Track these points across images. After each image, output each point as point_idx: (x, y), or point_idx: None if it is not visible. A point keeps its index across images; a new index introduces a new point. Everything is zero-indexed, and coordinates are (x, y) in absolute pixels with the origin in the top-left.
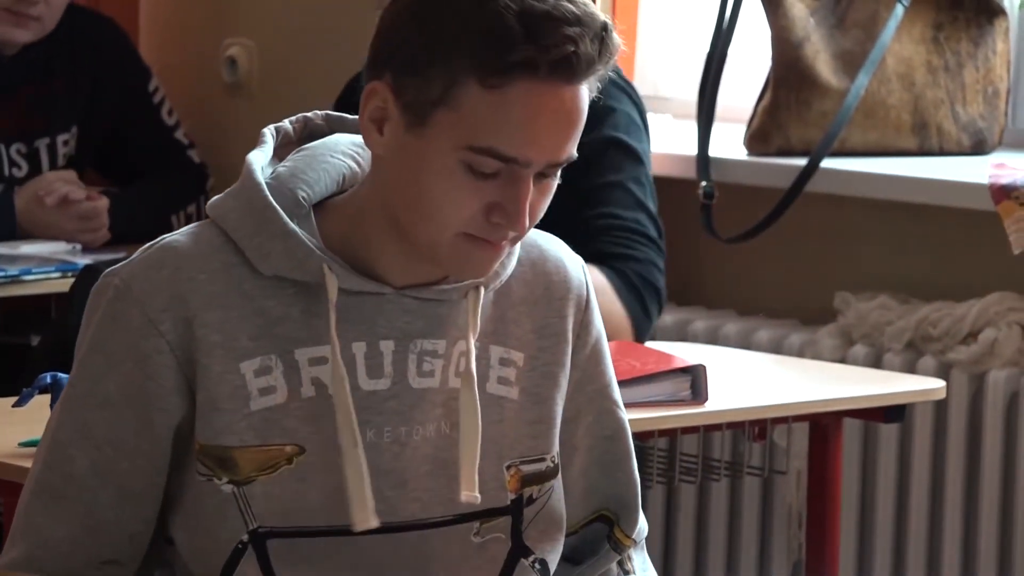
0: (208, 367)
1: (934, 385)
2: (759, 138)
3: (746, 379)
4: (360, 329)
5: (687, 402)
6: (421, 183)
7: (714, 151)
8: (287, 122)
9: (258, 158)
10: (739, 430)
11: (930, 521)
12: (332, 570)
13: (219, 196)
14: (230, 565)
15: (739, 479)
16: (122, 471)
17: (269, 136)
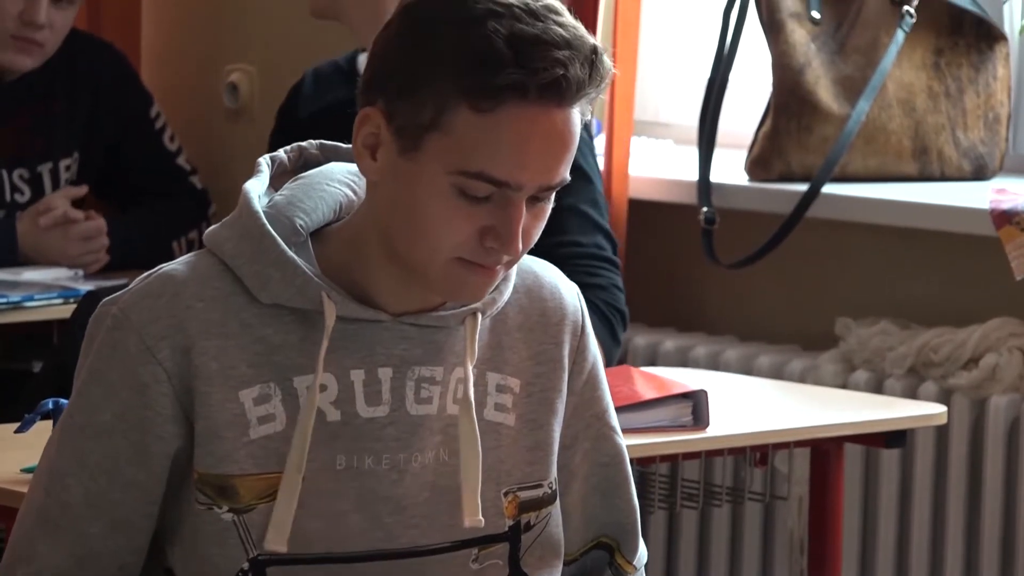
0: (207, 395)
1: (935, 411)
2: (760, 164)
3: (747, 405)
4: (358, 357)
5: (688, 428)
6: (414, 207)
7: (715, 177)
8: (282, 151)
9: (255, 187)
10: (740, 456)
11: (932, 547)
12: None
13: (216, 226)
14: None
15: (740, 505)
16: (114, 502)
17: (265, 165)
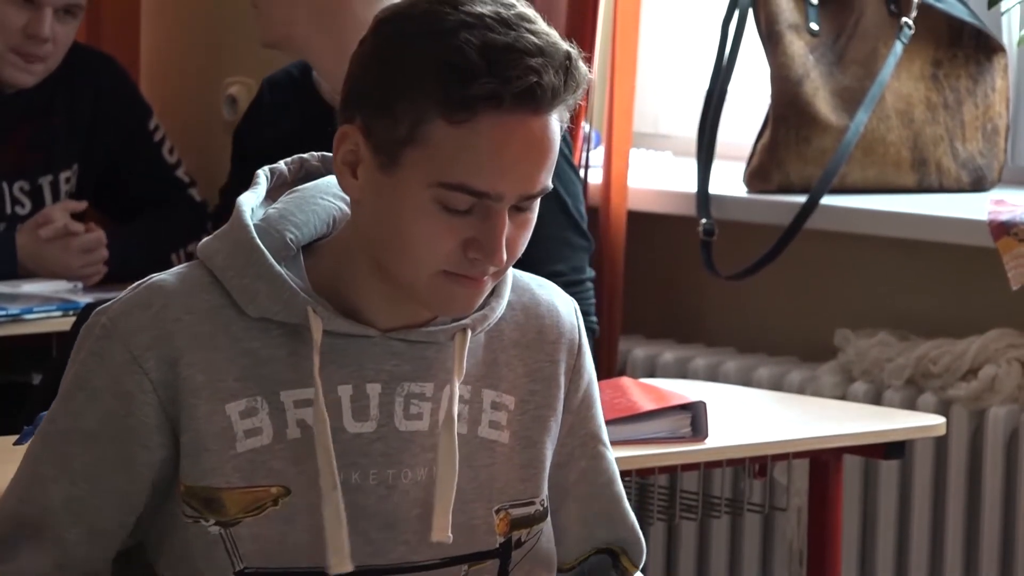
0: (194, 407)
1: (934, 422)
2: (759, 175)
3: (746, 416)
4: (346, 372)
5: (687, 439)
6: (397, 223)
7: (714, 188)
8: (283, 163)
9: (249, 200)
10: (739, 467)
11: (931, 558)
12: None
13: (208, 238)
14: None
15: (740, 516)
16: (95, 507)
17: (263, 178)
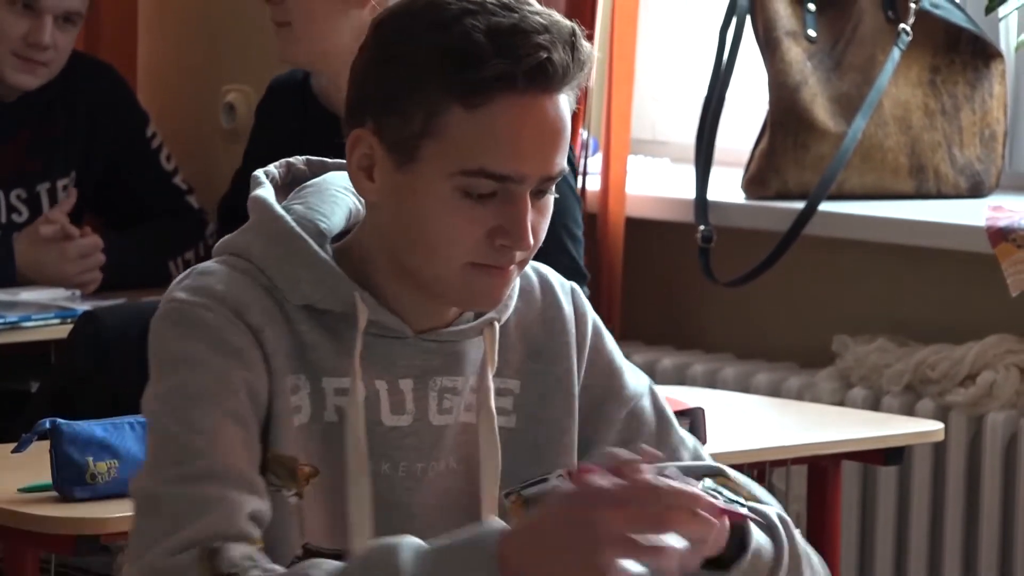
0: (276, 374)
1: (933, 427)
2: (757, 182)
3: (745, 422)
4: (380, 367)
5: None
6: (421, 219)
7: (712, 195)
8: (273, 167)
9: (268, 194)
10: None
11: (929, 564)
12: None
13: (231, 235)
14: None
15: None
16: (236, 461)
17: (264, 178)
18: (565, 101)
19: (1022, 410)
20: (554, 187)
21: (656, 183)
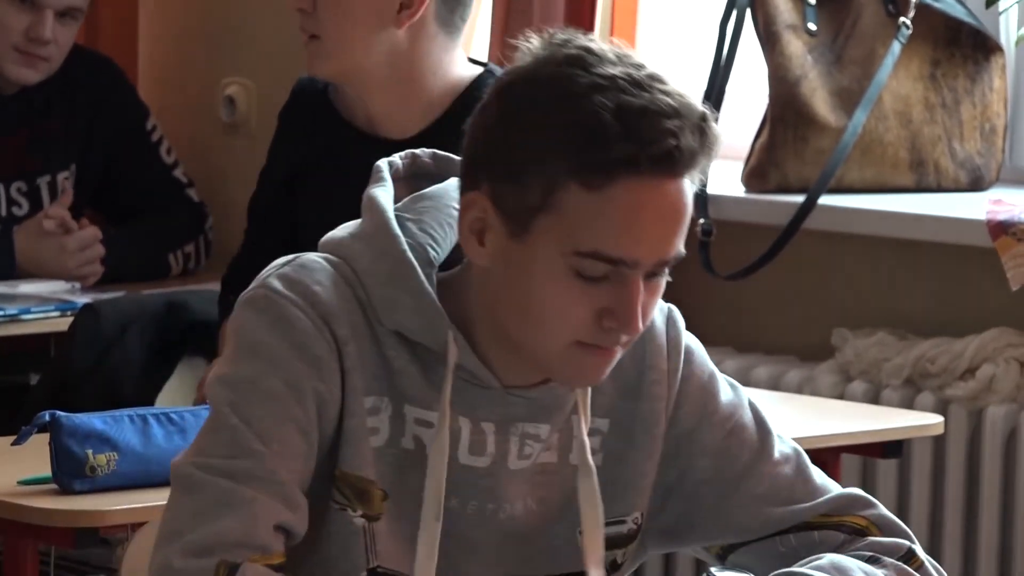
0: (353, 391)
1: (932, 421)
2: (757, 175)
3: None
4: (464, 407)
5: None
6: (529, 292)
7: (712, 188)
8: (397, 157)
9: (385, 199)
10: None
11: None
12: None
13: (347, 235)
14: None
15: None
16: (285, 462)
17: (386, 171)
18: (688, 185)
19: (1022, 404)
20: (667, 270)
21: None
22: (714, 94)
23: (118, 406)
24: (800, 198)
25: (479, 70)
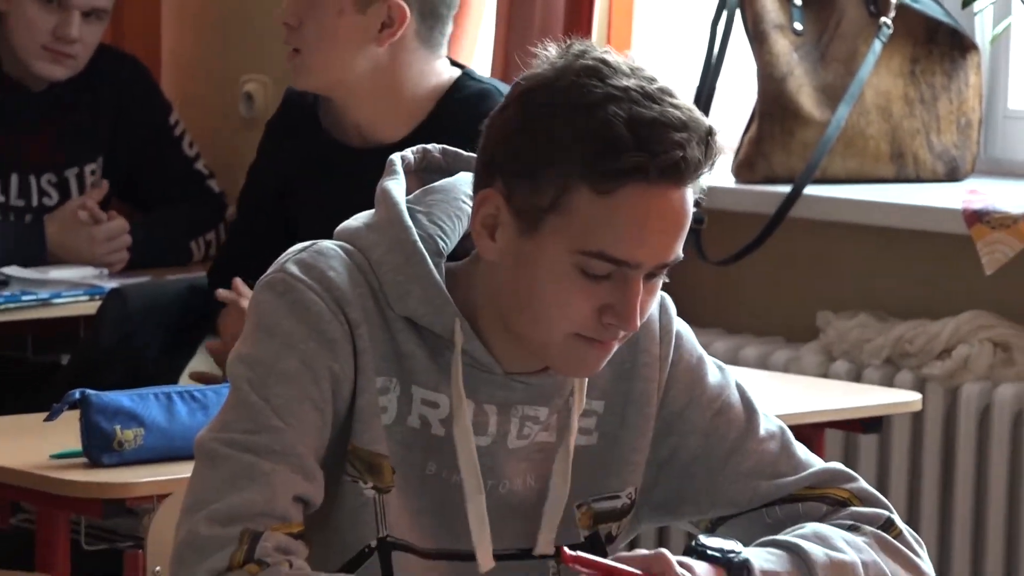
0: (365, 370)
1: (910, 398)
2: (746, 167)
3: None
4: (467, 391)
5: None
6: (535, 286)
7: (703, 179)
8: (409, 152)
9: (398, 191)
10: None
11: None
12: None
13: (360, 225)
14: (352, 565)
15: None
16: (300, 440)
17: (399, 165)
18: (690, 193)
19: (996, 382)
20: (665, 271)
21: None
22: (706, 90)
23: (143, 384)
24: (786, 188)
25: (458, 72)
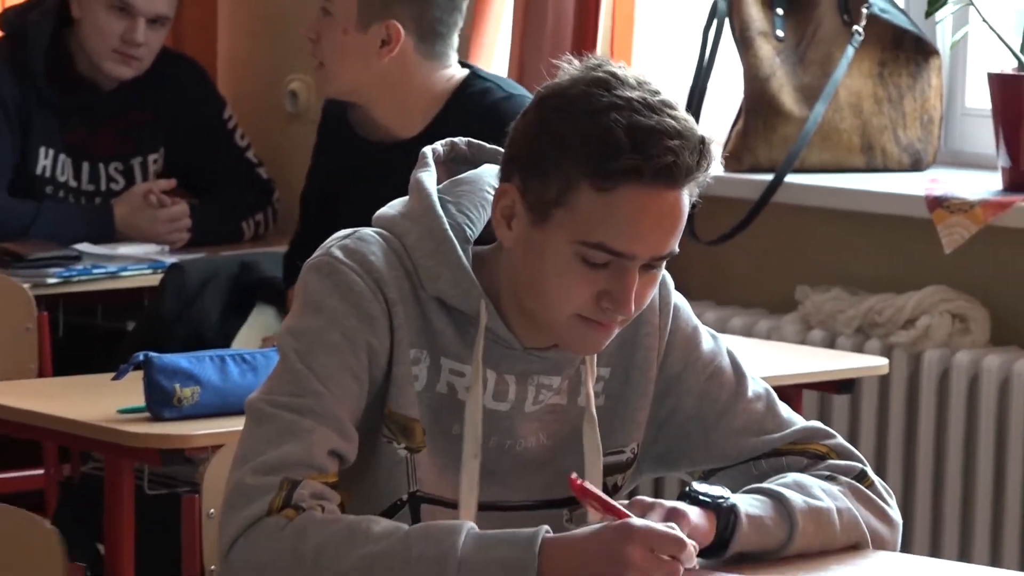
0: (399, 343)
1: (878, 363)
2: (733, 157)
3: None
4: (491, 362)
5: None
6: (543, 273)
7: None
8: (438, 145)
9: (431, 183)
10: None
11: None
12: None
13: (395, 213)
14: (386, 515)
15: None
16: (339, 404)
17: (430, 157)
18: (685, 194)
19: (953, 349)
20: (663, 262)
21: None
22: (698, 89)
23: (200, 348)
24: (769, 177)
25: (466, 72)
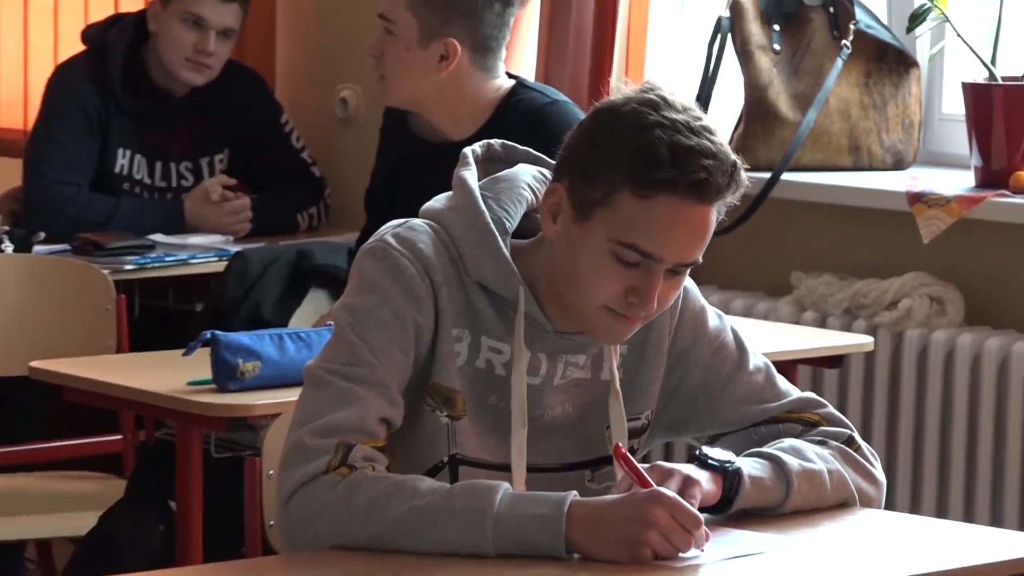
0: (444, 322)
1: (865, 341)
2: None
3: None
4: (526, 343)
5: None
6: (579, 264)
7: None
8: (477, 146)
9: (472, 180)
10: None
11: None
12: None
13: (441, 207)
14: (428, 475)
15: None
16: (388, 373)
17: (471, 157)
18: (714, 211)
19: (932, 328)
20: (688, 270)
21: None
22: (703, 97)
23: (260, 328)
24: (767, 175)
25: (513, 82)
